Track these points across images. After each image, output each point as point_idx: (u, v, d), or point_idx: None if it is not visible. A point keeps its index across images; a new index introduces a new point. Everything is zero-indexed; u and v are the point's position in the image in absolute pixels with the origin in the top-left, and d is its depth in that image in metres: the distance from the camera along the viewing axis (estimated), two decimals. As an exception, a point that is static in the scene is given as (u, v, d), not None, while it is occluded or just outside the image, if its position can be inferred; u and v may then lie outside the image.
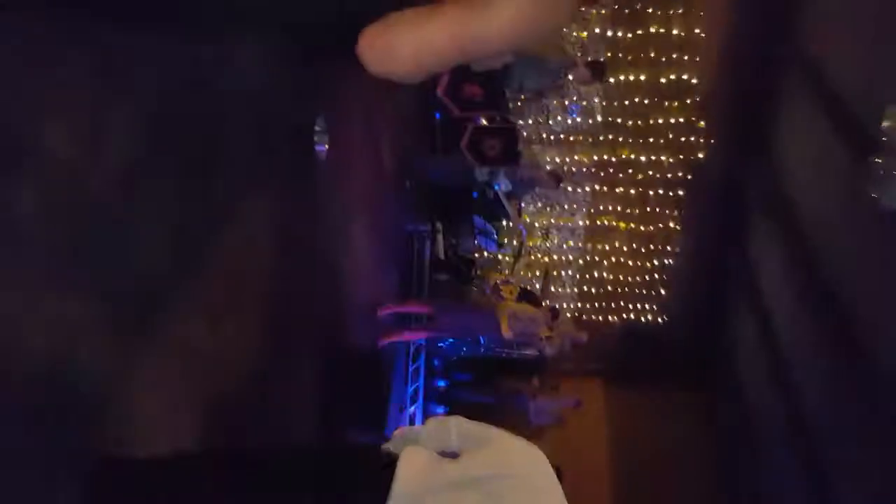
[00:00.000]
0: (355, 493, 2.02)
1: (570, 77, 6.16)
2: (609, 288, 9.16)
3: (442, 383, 8.21)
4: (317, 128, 3.59)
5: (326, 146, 3.69)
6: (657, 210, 8.53)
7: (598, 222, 8.78)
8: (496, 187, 6.74)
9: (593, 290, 9.21)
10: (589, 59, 7.12)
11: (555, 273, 9.01)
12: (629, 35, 7.53)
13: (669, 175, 8.28)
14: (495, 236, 8.02)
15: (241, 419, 3.13)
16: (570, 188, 8.54)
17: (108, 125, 2.17)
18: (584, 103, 8.00)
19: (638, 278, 9.05)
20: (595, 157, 8.36)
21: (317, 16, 1.50)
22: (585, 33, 7.48)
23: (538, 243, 9.03)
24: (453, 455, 2.15)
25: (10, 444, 1.78)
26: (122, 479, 2.13)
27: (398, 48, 1.43)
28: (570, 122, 8.18)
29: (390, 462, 2.05)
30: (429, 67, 1.48)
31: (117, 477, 2.11)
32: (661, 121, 7.97)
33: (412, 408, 7.04)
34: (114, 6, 1.31)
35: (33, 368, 1.86)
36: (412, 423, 6.64)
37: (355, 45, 1.47)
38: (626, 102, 7.93)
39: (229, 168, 3.00)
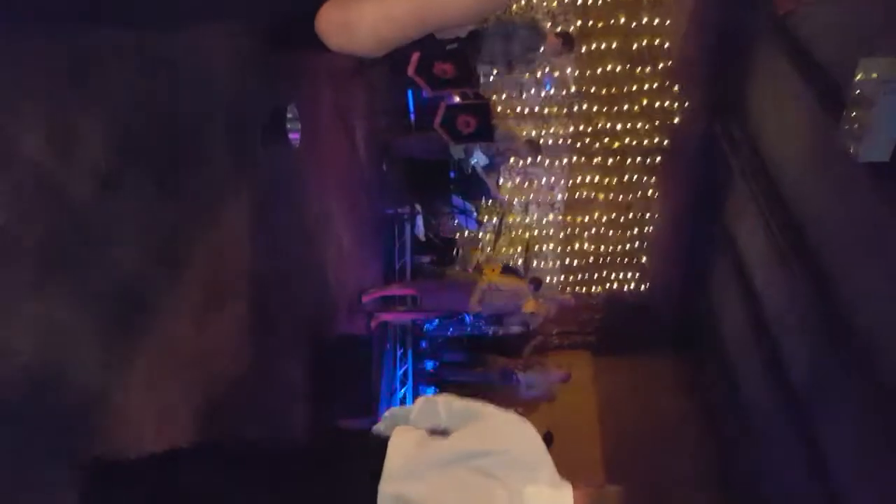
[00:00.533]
0: (348, 476, 2.02)
1: (541, 49, 6.11)
2: (591, 259, 9.19)
3: (431, 365, 8.22)
4: (289, 115, 3.53)
5: (299, 133, 3.63)
6: (635, 178, 8.54)
7: (577, 194, 8.77)
8: (473, 162, 6.70)
9: (575, 263, 9.23)
10: (559, 29, 7.06)
11: (536, 248, 9.02)
12: (599, 2, 7.47)
13: (646, 142, 8.27)
14: (475, 215, 8.00)
15: (231, 413, 3.11)
16: (547, 161, 8.51)
17: (79, 126, 2.12)
18: (557, 74, 7.95)
19: (619, 248, 9.08)
20: (571, 129, 8.33)
21: (280, 2, 1.46)
22: (555, 2, 7.41)
23: (518, 219, 9.02)
24: (444, 433, 2.15)
25: (1, 449, 1.75)
26: (114, 479, 2.10)
27: (357, 22, 1.39)
28: (543, 94, 8.14)
29: (381, 442, 2.04)
30: (389, 41, 1.44)
31: (109, 478, 2.09)
32: (634, 88, 7.94)
33: (402, 391, 7.04)
34: (79, 2, 1.26)
35: (20, 374, 1.84)
36: (403, 404, 6.65)
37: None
38: (599, 71, 7.89)
39: (204, 162, 2.96)
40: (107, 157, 2.22)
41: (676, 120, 8.03)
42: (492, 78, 7.92)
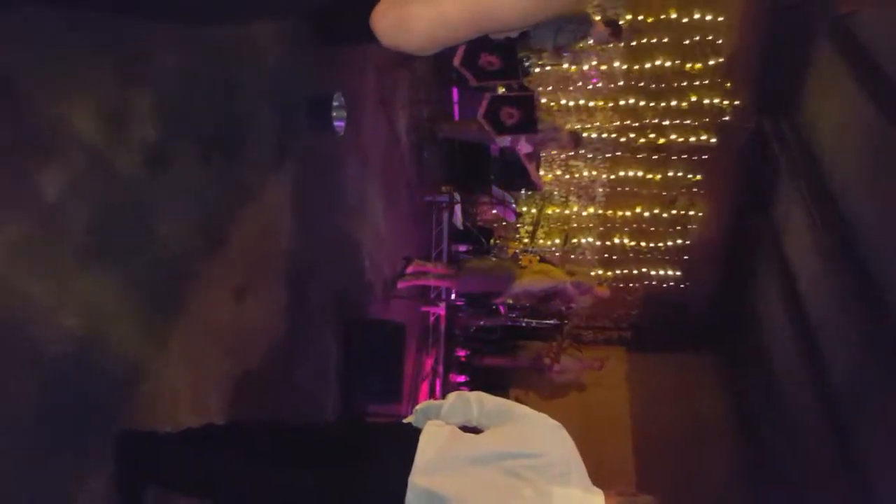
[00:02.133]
0: (378, 467, 2.05)
1: (589, 38, 6.03)
2: (630, 254, 9.09)
3: (463, 353, 8.25)
4: (335, 103, 3.57)
5: (344, 122, 3.67)
6: (679, 174, 8.40)
7: (619, 188, 8.67)
8: (517, 149, 6.68)
9: (614, 257, 9.14)
10: (606, 17, 6.96)
11: (575, 240, 8.96)
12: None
13: (693, 138, 8.13)
14: (514, 205, 7.97)
15: (265, 393, 3.18)
16: (589, 154, 8.43)
17: (132, 108, 2.19)
18: (604, 67, 7.85)
19: (660, 244, 8.96)
20: (616, 122, 8.23)
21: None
22: (604, -5, 7.31)
23: (557, 210, 8.96)
24: (475, 430, 2.17)
25: (44, 423, 1.83)
26: (149, 449, 2.18)
27: (411, 22, 1.39)
28: (590, 87, 8.04)
29: (413, 435, 2.07)
30: (442, 41, 1.45)
31: (145, 447, 2.16)
32: (684, 83, 7.80)
33: (433, 377, 7.09)
34: None
35: (64, 349, 1.91)
36: (432, 392, 6.70)
37: (368, 17, 1.44)
38: (648, 65, 7.76)
39: (250, 143, 3.02)
40: (156, 135, 2.28)
41: (726, 117, 7.87)
42: (537, 69, 7.85)
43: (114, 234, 2.12)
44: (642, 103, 8.04)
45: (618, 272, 9.19)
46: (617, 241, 9.01)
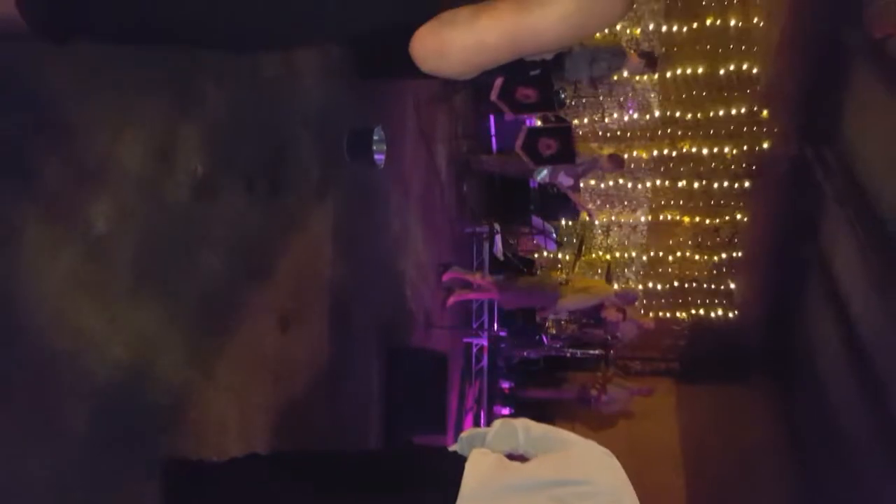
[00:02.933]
0: (424, 495, 2.05)
1: (625, 70, 6.08)
2: (675, 284, 8.98)
3: (507, 384, 8.19)
4: (375, 137, 3.66)
5: (384, 155, 3.75)
6: (721, 202, 8.32)
7: (661, 217, 8.62)
8: (558, 181, 6.71)
9: (659, 287, 9.03)
10: (641, 49, 7.01)
11: (617, 270, 8.88)
12: (684, 28, 7.38)
13: (733, 166, 8.07)
14: (554, 235, 7.96)
15: (310, 422, 3.21)
16: (629, 184, 8.41)
17: (179, 139, 2.29)
18: (640, 99, 7.88)
19: (706, 273, 8.84)
20: (654, 153, 8.22)
21: (373, 24, 1.53)
22: (639, 29, 7.37)
23: (599, 240, 8.92)
24: (521, 458, 2.15)
25: (93, 452, 1.88)
26: (198, 482, 2.21)
27: (450, 46, 1.44)
28: (626, 118, 8.06)
29: (458, 462, 2.07)
30: (480, 65, 1.49)
31: (193, 480, 2.19)
32: (721, 112, 7.78)
33: (477, 409, 7.05)
34: (179, 26, 1.37)
35: (113, 378, 1.97)
36: (477, 423, 6.65)
37: (408, 47, 1.49)
38: (684, 95, 7.77)
39: (294, 178, 3.11)
40: (202, 167, 2.37)
41: (766, 145, 7.80)
42: (574, 101, 7.91)
43: (161, 265, 2.17)
44: (679, 132, 8.02)
45: (663, 301, 9.07)
46: (661, 270, 8.91)
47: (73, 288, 1.82)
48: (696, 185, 8.30)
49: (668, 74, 7.62)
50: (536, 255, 8.81)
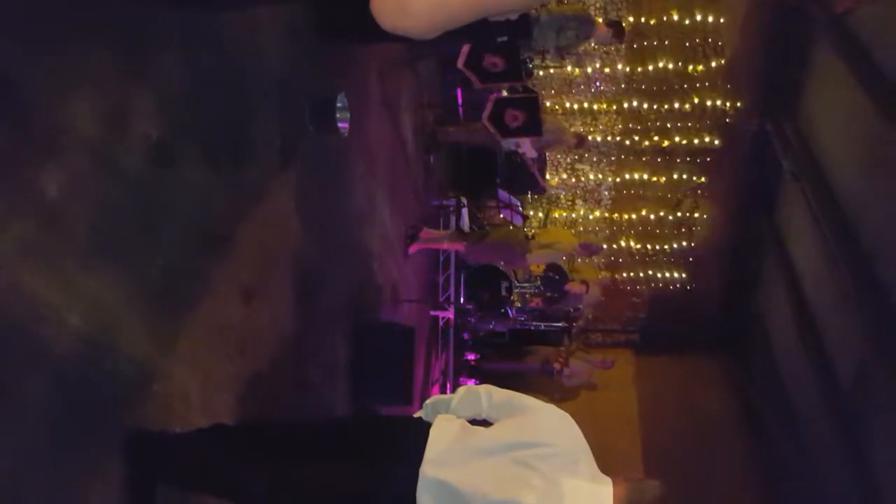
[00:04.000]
0: (390, 459, 2.07)
1: (592, 40, 6.07)
2: (637, 257, 9.11)
3: (472, 356, 8.26)
4: (338, 104, 3.60)
5: (348, 123, 3.70)
6: (684, 177, 8.43)
7: (625, 191, 8.70)
8: (521, 151, 6.72)
9: (621, 259, 9.16)
10: (608, 19, 7.01)
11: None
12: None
13: (696, 140, 8.16)
14: (521, 208, 8.00)
15: (275, 394, 3.20)
16: (595, 158, 8.46)
17: (135, 105, 2.21)
18: (607, 70, 7.89)
19: (666, 246, 8.98)
20: (620, 126, 8.27)
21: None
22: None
23: (564, 214, 8.99)
24: (484, 423, 2.19)
25: (53, 423, 1.85)
26: (160, 451, 2.19)
27: (412, 3, 1.41)
28: (592, 90, 8.08)
29: (424, 428, 2.09)
30: (443, 22, 1.46)
31: (156, 449, 2.18)
32: (685, 86, 7.84)
33: (443, 381, 7.10)
34: None
35: (71, 351, 1.92)
36: (443, 394, 6.70)
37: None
38: (650, 68, 7.81)
39: (255, 142, 3.04)
40: (159, 134, 2.29)
41: (728, 119, 7.90)
42: (541, 72, 7.89)
43: (118, 233, 2.11)
44: (645, 105, 8.08)
45: (625, 275, 9.21)
46: (623, 243, 9.03)
47: (25, 257, 1.76)
48: (658, 158, 8.39)
49: (635, 45, 7.64)
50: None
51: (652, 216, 8.79)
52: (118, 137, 2.13)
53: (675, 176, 8.43)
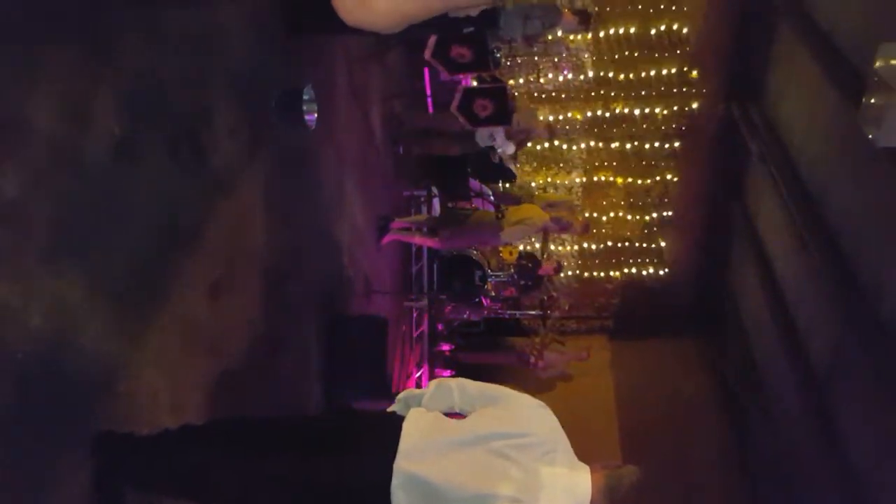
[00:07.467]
0: (363, 453, 2.05)
1: (559, 29, 6.06)
2: (609, 243, 9.16)
3: (447, 347, 8.26)
4: (305, 96, 3.55)
5: (315, 115, 3.65)
6: (653, 163, 8.49)
7: (595, 178, 8.74)
8: (499, 151, 6.70)
9: (594, 247, 9.20)
10: (574, 7, 7.01)
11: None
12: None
13: (664, 127, 8.22)
14: (492, 198, 7.99)
15: (246, 391, 3.16)
16: (564, 146, 8.48)
17: (96, 100, 2.15)
18: (574, 59, 7.90)
19: (638, 232, 9.05)
20: (588, 113, 8.29)
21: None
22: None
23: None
24: (458, 415, 2.18)
25: (17, 423, 1.81)
26: (128, 452, 2.15)
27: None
28: (560, 79, 8.09)
29: (397, 422, 2.07)
30: (407, 15, 1.44)
31: (123, 450, 2.14)
32: (652, 73, 7.89)
33: (418, 373, 7.09)
34: None
35: (33, 351, 1.87)
36: (418, 387, 6.71)
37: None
38: (616, 56, 7.84)
39: (220, 135, 2.99)
40: (121, 126, 2.24)
41: (695, 105, 7.96)
42: (509, 62, 7.88)
43: (81, 230, 2.08)
44: (613, 93, 8.11)
45: (597, 262, 9.26)
46: (595, 230, 9.06)
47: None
48: (628, 145, 8.43)
49: (602, 34, 7.66)
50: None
51: (623, 202, 8.83)
52: (79, 131, 2.08)
53: (645, 162, 8.49)
